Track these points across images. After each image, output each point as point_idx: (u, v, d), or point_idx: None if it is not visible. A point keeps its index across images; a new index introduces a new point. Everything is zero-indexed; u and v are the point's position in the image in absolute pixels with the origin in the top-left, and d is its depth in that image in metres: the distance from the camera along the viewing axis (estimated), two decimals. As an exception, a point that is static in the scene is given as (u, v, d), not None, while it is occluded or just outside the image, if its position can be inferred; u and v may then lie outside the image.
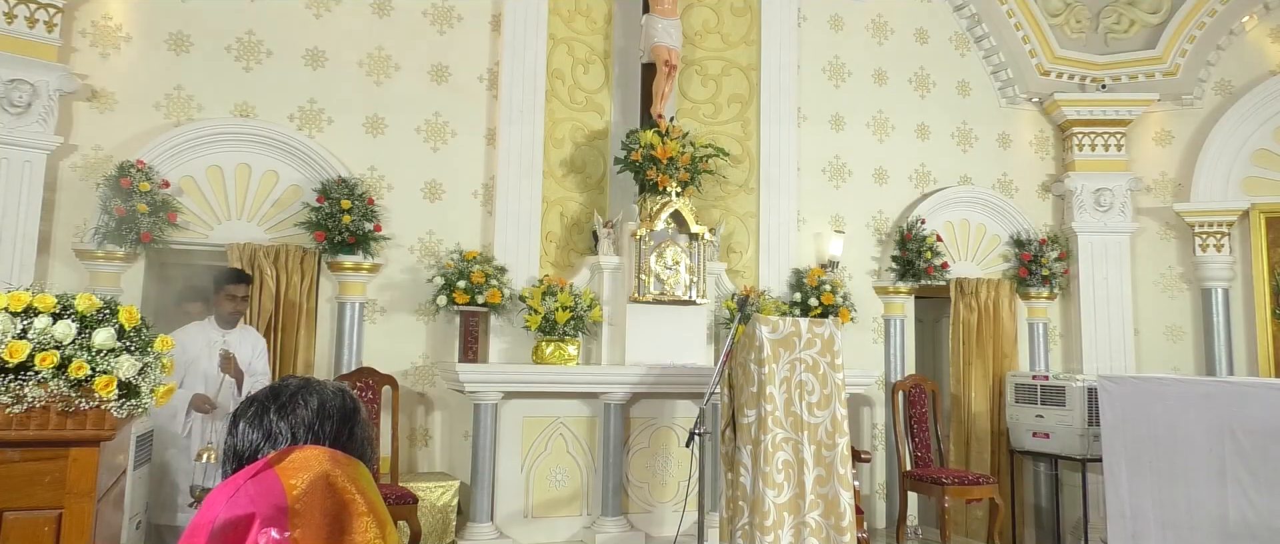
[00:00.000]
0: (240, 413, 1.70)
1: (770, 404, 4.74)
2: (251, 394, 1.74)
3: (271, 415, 1.65)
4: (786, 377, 4.85)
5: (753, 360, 4.83)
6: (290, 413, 1.65)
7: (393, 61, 6.19)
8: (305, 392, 1.69)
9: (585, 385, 5.87)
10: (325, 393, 1.70)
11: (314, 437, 1.64)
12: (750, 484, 4.71)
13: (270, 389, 1.71)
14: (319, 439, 1.64)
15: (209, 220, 5.67)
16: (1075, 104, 7.61)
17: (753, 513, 4.66)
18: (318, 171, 5.83)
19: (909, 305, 7.24)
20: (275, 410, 1.65)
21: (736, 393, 4.94)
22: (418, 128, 6.20)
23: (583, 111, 6.63)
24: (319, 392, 1.70)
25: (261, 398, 1.69)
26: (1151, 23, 7.67)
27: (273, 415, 1.65)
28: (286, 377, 1.77)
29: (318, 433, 1.64)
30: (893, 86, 7.44)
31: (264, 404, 1.67)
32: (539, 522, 5.79)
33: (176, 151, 5.57)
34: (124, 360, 3.49)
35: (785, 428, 4.77)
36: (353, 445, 1.68)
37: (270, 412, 1.65)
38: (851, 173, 7.24)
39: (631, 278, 6.02)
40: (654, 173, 6.09)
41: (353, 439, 1.69)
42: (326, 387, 1.74)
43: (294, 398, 1.67)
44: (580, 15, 6.67)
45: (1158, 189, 7.62)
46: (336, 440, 1.66)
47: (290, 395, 1.68)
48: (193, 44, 5.76)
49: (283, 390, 1.70)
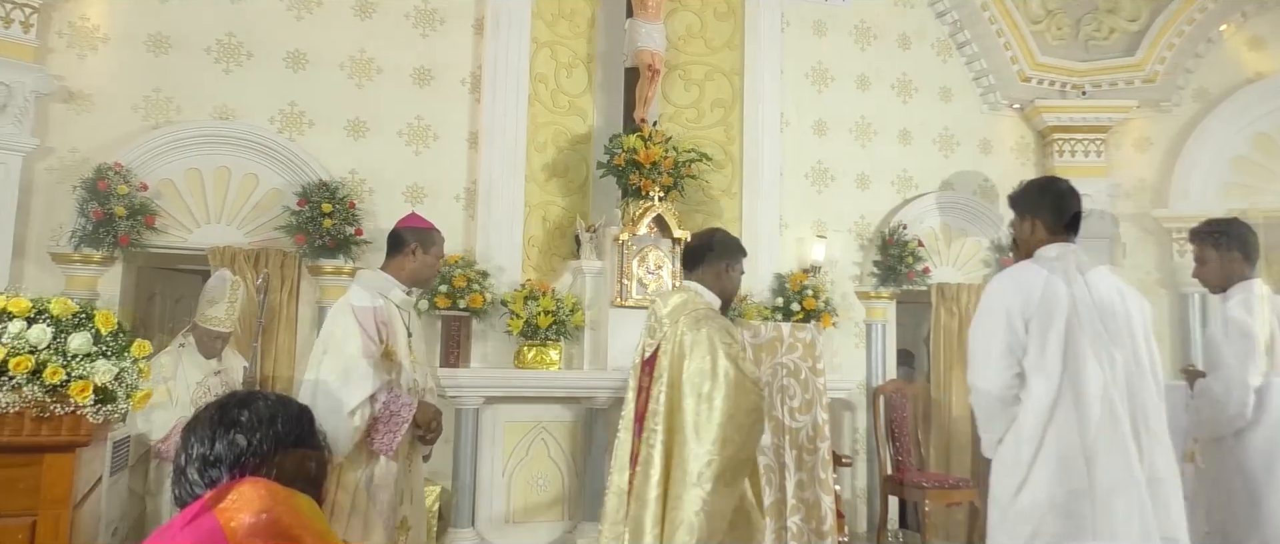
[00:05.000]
0: (190, 431, 1.61)
1: (752, 409, 4.74)
2: (196, 413, 1.66)
3: (217, 439, 1.57)
4: (768, 381, 4.85)
5: (735, 365, 4.82)
6: (234, 436, 1.58)
7: (375, 64, 6.16)
8: (253, 411, 1.61)
9: (567, 390, 5.86)
10: (281, 410, 1.63)
11: (258, 462, 1.56)
12: (732, 489, 4.71)
13: (218, 406, 1.64)
14: (266, 461, 1.57)
15: (188, 224, 5.62)
16: (1056, 110, 7.66)
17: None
18: (298, 175, 5.79)
19: (891, 310, 7.27)
20: (222, 431, 1.57)
21: (719, 398, 4.93)
22: (400, 131, 6.18)
23: (566, 115, 6.62)
24: (269, 409, 1.63)
25: (208, 417, 1.61)
26: (1131, 30, 7.74)
27: (218, 438, 1.57)
28: (233, 392, 1.70)
29: (262, 457, 1.57)
30: (875, 92, 7.47)
31: (212, 423, 1.59)
32: (520, 526, 5.78)
33: (155, 154, 5.52)
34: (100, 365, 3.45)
35: (767, 432, 4.77)
36: (298, 477, 1.60)
37: (217, 432, 1.57)
38: (834, 178, 7.27)
39: (614, 282, 6.01)
40: (637, 177, 6.09)
41: (299, 473, 1.61)
42: (275, 402, 1.66)
43: (236, 422, 1.59)
44: (564, 19, 6.67)
45: (1137, 195, 7.68)
46: (277, 471, 1.58)
47: (236, 416, 1.60)
48: (172, 45, 5.71)
49: (228, 407, 1.62)
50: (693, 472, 3.17)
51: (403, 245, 3.56)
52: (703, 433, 3.20)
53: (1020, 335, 2.87)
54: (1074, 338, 2.85)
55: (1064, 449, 2.80)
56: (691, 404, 3.24)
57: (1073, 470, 2.79)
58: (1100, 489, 2.77)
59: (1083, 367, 2.83)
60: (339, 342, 3.33)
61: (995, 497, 2.96)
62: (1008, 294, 2.94)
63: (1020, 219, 3.17)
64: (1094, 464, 2.78)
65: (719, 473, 3.16)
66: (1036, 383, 2.85)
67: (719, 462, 3.17)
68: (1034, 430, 2.84)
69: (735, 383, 3.23)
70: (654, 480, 3.24)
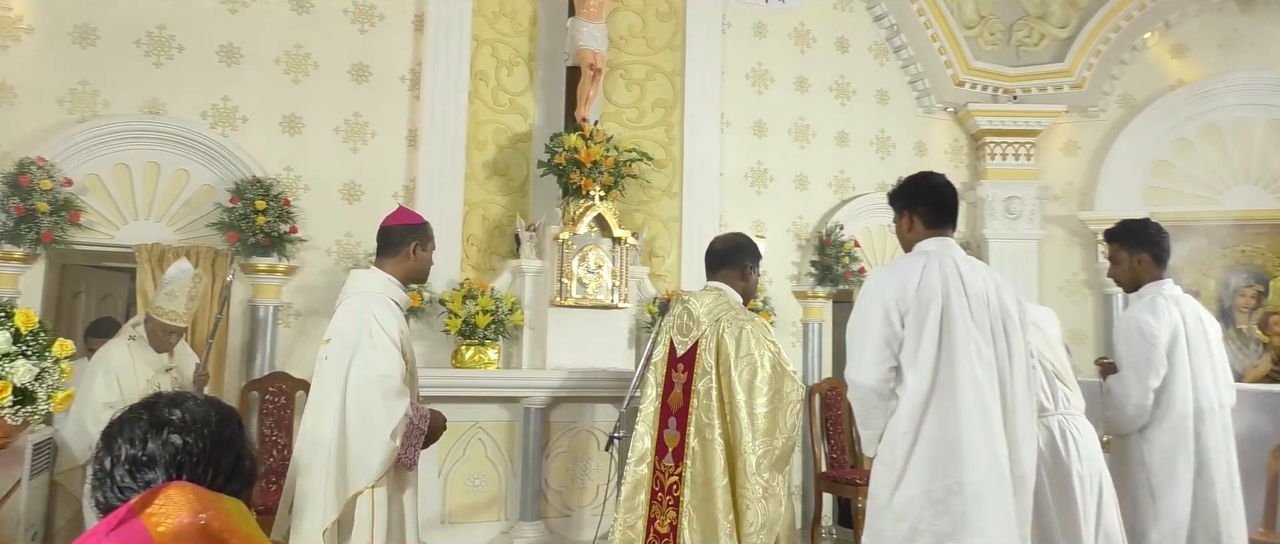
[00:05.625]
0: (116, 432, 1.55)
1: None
2: (123, 413, 1.59)
3: (150, 439, 1.52)
4: (705, 381, 4.89)
5: (672, 365, 4.86)
6: (169, 435, 1.53)
7: (312, 60, 6.07)
8: (186, 410, 1.57)
9: (505, 390, 5.85)
10: (212, 409, 1.60)
11: (194, 462, 1.52)
12: (668, 488, 4.75)
13: (145, 406, 1.58)
14: (202, 460, 1.53)
15: (115, 220, 5.49)
16: (988, 114, 7.84)
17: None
18: (231, 171, 5.69)
19: (827, 310, 7.38)
20: (155, 431, 1.52)
21: (656, 397, 4.96)
22: (337, 128, 6.10)
23: (506, 114, 6.60)
24: (201, 409, 1.58)
25: (136, 417, 1.55)
26: (1060, 37, 7.96)
27: (151, 438, 1.52)
28: (159, 393, 1.66)
29: (197, 456, 1.52)
30: (814, 94, 7.57)
31: (143, 423, 1.53)
32: (456, 527, 5.75)
33: (81, 149, 5.39)
34: (20, 366, 3.38)
35: (703, 432, 4.81)
36: (234, 477, 1.57)
37: (150, 433, 1.52)
38: (773, 179, 7.35)
39: (554, 282, 6.01)
40: (577, 176, 6.09)
41: (236, 473, 1.57)
42: (206, 402, 1.61)
43: (169, 422, 1.54)
44: (505, 17, 6.64)
45: (1064, 197, 7.91)
46: (213, 471, 1.54)
47: (168, 414, 1.55)
48: (100, 37, 5.57)
49: (158, 406, 1.57)
50: (752, 462, 3.55)
51: (400, 244, 3.44)
52: (757, 426, 3.57)
53: (896, 328, 2.85)
54: (949, 331, 2.84)
55: (939, 444, 2.78)
56: (744, 399, 3.59)
57: (948, 465, 2.76)
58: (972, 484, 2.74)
59: (956, 360, 2.81)
60: (369, 359, 3.17)
61: (873, 494, 2.93)
62: (885, 287, 2.93)
63: (899, 215, 3.19)
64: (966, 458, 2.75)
65: (774, 462, 3.59)
66: (911, 376, 2.83)
67: (773, 451, 3.58)
68: (909, 425, 2.82)
69: (781, 379, 3.62)
70: (718, 470, 3.60)
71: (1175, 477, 3.58)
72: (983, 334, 2.87)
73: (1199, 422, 3.64)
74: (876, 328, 2.87)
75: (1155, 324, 3.64)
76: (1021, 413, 2.90)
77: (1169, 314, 3.68)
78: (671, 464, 3.73)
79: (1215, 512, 3.60)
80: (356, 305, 3.29)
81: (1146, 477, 3.62)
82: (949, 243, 3.06)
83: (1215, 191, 7.53)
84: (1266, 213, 7.36)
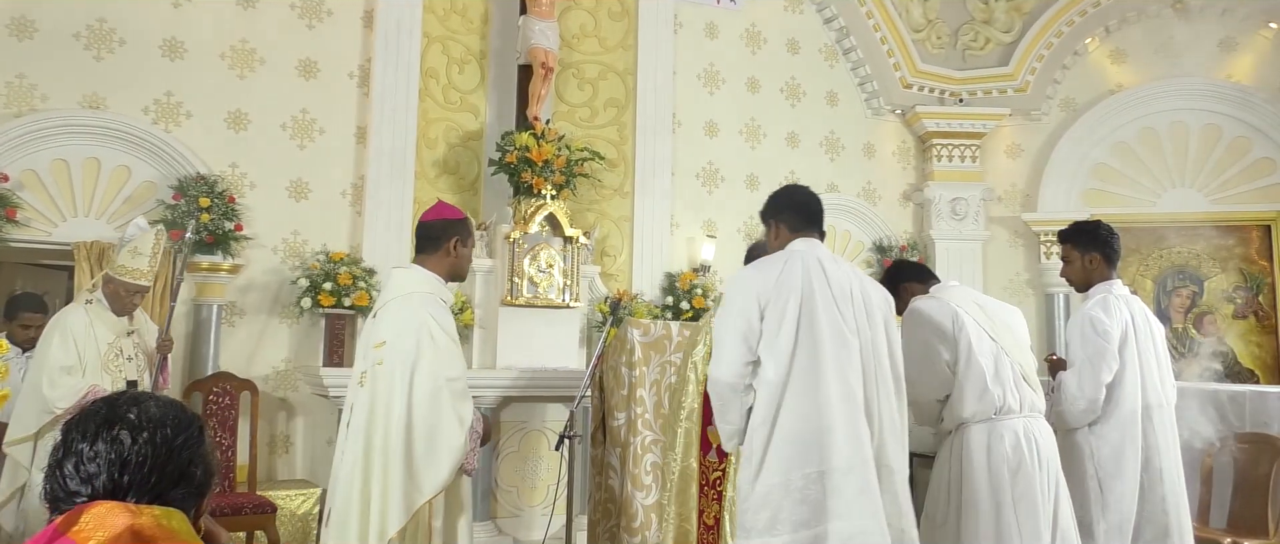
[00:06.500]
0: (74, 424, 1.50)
1: (640, 407, 4.79)
2: (83, 409, 1.55)
3: (101, 436, 1.47)
4: (656, 379, 4.91)
5: (624, 363, 4.87)
6: (119, 433, 1.48)
7: (258, 55, 5.98)
8: (143, 410, 1.52)
9: (456, 389, 5.81)
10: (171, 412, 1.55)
11: (140, 462, 1.47)
12: (619, 487, 4.76)
13: (107, 402, 1.54)
14: (138, 471, 1.48)
15: (53, 217, 5.36)
16: (934, 116, 7.98)
17: (621, 515, 4.71)
18: (174, 168, 5.59)
19: (778, 308, 7.43)
20: (107, 429, 1.47)
21: (607, 396, 4.97)
22: (284, 124, 6.01)
23: (457, 112, 6.55)
24: (159, 410, 1.54)
25: (95, 412, 1.50)
26: (1005, 41, 8.12)
27: (102, 436, 1.47)
28: (130, 393, 1.62)
29: (144, 458, 1.47)
30: (765, 95, 7.63)
31: (98, 418, 1.48)
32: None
33: (17, 144, 5.25)
34: (-49, 368, 3.29)
35: (654, 430, 4.83)
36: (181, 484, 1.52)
37: (102, 430, 1.47)
38: (724, 179, 7.40)
39: (505, 281, 5.99)
40: (529, 175, 6.07)
41: (183, 480, 1.52)
42: (166, 403, 1.57)
43: (122, 419, 1.49)
44: (456, 14, 6.60)
45: (1008, 199, 8.07)
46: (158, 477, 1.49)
47: (120, 414, 1.50)
48: (37, 30, 5.42)
49: (118, 403, 1.52)
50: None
51: (441, 239, 3.32)
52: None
53: (754, 323, 2.87)
54: (809, 321, 2.86)
55: (798, 433, 2.79)
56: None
57: (807, 455, 2.77)
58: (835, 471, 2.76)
59: (819, 349, 2.83)
60: (434, 363, 3.07)
61: (738, 485, 2.94)
62: (746, 283, 2.96)
63: (767, 227, 3.27)
64: (828, 446, 2.77)
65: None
66: (769, 365, 2.84)
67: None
68: (766, 414, 2.83)
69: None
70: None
71: (1123, 470, 3.70)
72: (847, 324, 2.90)
73: (1146, 417, 3.77)
74: (734, 323, 2.90)
75: (1108, 321, 3.76)
76: (888, 404, 2.94)
77: (1120, 313, 3.80)
78: (716, 460, 3.76)
79: (1163, 504, 3.74)
80: (409, 308, 3.15)
81: (1095, 469, 3.75)
82: (814, 242, 3.12)
83: (1153, 194, 7.74)
84: (1201, 214, 7.57)
